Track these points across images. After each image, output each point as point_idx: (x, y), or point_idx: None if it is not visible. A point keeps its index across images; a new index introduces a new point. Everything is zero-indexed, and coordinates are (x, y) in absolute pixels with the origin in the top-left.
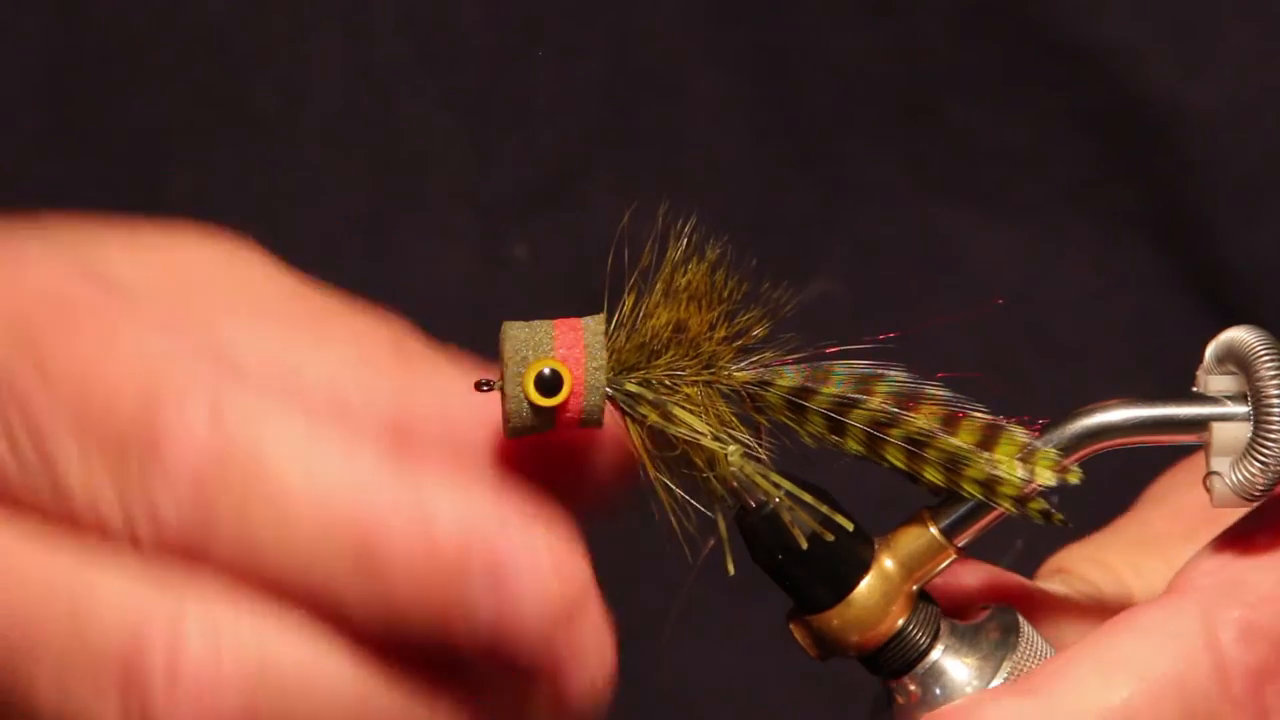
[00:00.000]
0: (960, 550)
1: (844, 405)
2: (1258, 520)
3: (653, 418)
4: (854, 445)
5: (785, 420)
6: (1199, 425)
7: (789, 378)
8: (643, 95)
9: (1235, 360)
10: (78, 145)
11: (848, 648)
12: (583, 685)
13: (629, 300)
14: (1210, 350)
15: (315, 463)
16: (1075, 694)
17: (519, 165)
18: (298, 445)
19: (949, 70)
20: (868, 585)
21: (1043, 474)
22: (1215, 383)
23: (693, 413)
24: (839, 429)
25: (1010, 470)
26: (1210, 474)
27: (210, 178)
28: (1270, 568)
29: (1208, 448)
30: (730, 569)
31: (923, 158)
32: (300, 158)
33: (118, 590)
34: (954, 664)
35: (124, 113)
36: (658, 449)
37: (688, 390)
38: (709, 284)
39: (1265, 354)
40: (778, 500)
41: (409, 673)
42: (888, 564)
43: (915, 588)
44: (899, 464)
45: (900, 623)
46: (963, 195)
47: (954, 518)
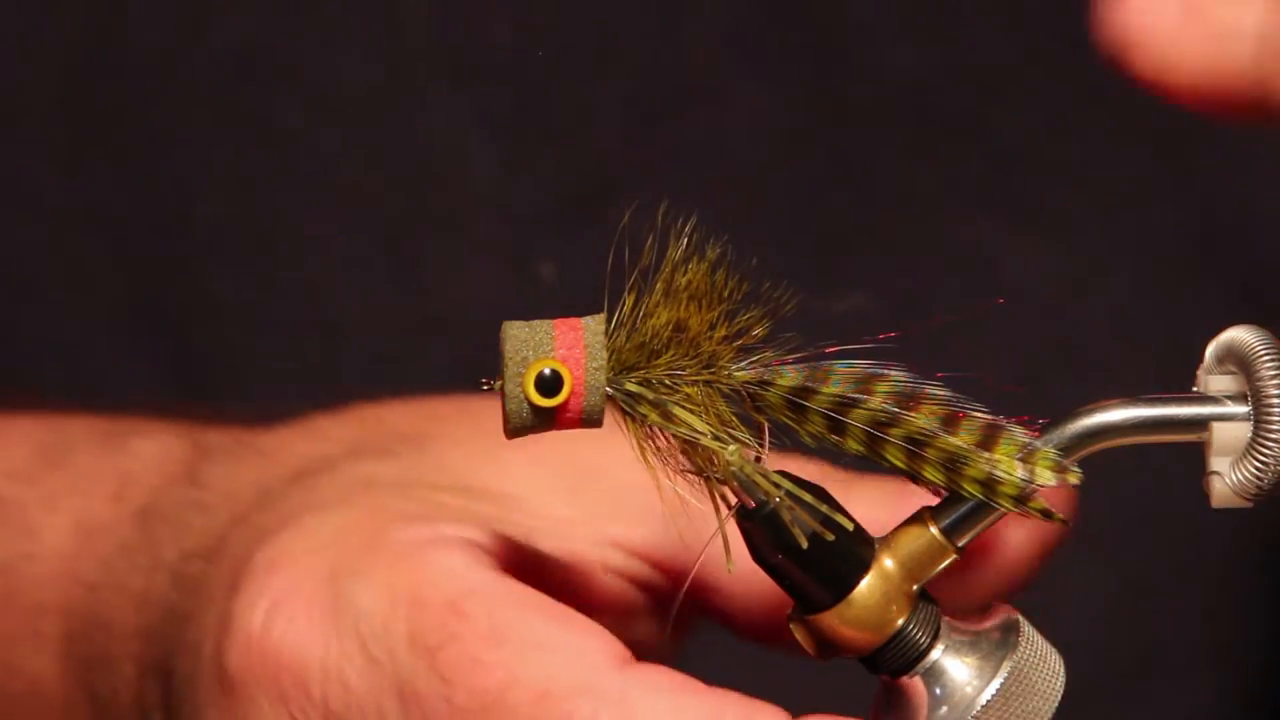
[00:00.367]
0: (960, 550)
1: (844, 405)
2: None
3: (653, 417)
4: (854, 445)
5: (785, 420)
6: (1199, 425)
7: (789, 377)
8: (676, 109)
9: (1235, 360)
10: (107, 162)
11: (848, 648)
12: None
13: (629, 300)
14: (1210, 350)
15: None
16: None
17: (549, 181)
18: None
19: (990, 80)
20: (868, 585)
21: (1043, 474)
22: (1215, 382)
23: (693, 412)
24: (839, 429)
25: (1010, 470)
26: (1210, 474)
27: (240, 195)
28: None
29: (1208, 447)
30: (730, 569)
31: (961, 170)
32: (330, 174)
33: None
34: (954, 664)
35: (154, 130)
36: (658, 449)
37: (688, 390)
38: (709, 283)
39: (1265, 354)
40: (778, 500)
41: None
42: (888, 564)
43: (915, 588)
44: (899, 464)
45: (900, 623)
46: (1000, 208)
47: (954, 518)
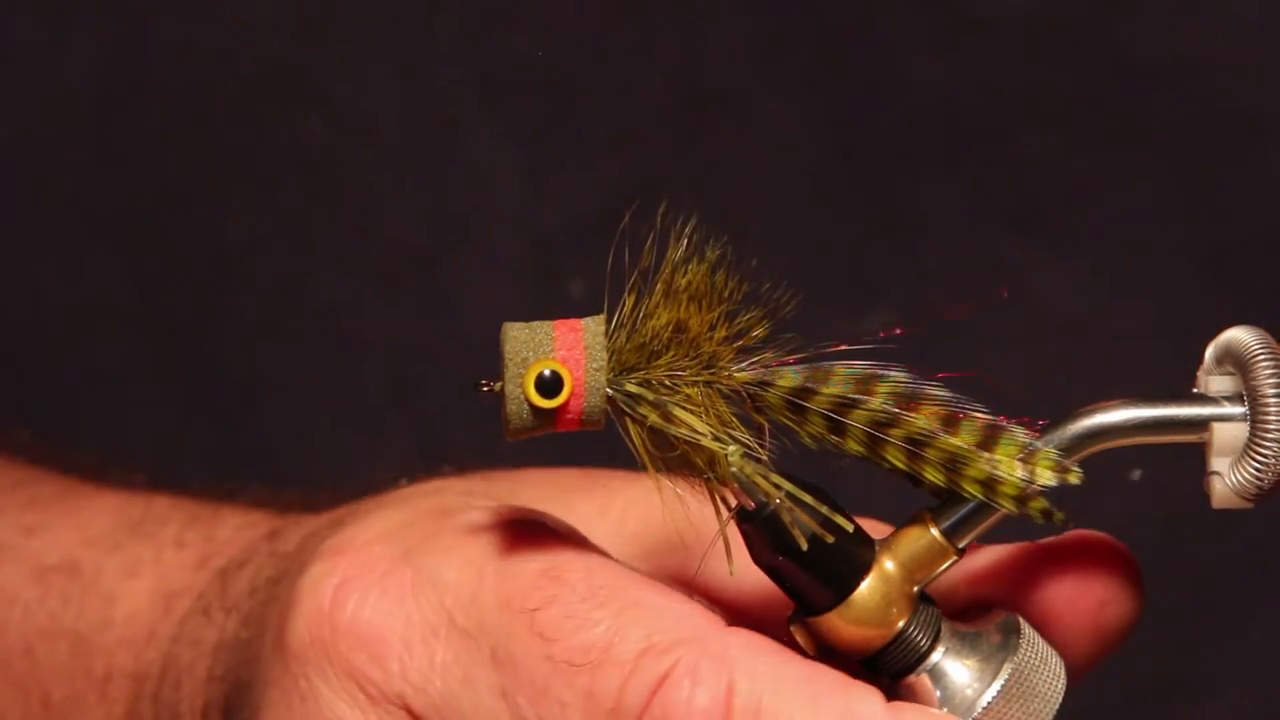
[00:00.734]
0: (961, 552)
1: (844, 405)
2: None
3: (653, 418)
4: (854, 446)
5: (785, 421)
6: (1198, 425)
7: (789, 378)
8: (705, 125)
9: (1234, 361)
10: (138, 182)
11: (849, 650)
12: None
13: (629, 301)
14: (1210, 351)
15: (823, 713)
16: None
17: (577, 198)
18: (804, 697)
19: (1019, 95)
20: (868, 587)
21: (1043, 474)
22: (1215, 383)
23: (693, 413)
24: (839, 429)
25: (1010, 470)
26: (1210, 474)
27: (270, 212)
28: None
29: (1207, 447)
30: (731, 570)
31: (988, 187)
32: (359, 192)
33: None
34: (955, 666)
35: (184, 149)
36: (658, 449)
37: (688, 390)
38: (709, 284)
39: (1263, 355)
40: (778, 501)
41: None
42: (888, 565)
43: (916, 589)
44: (899, 464)
45: (900, 625)
46: (1026, 226)
47: (955, 519)
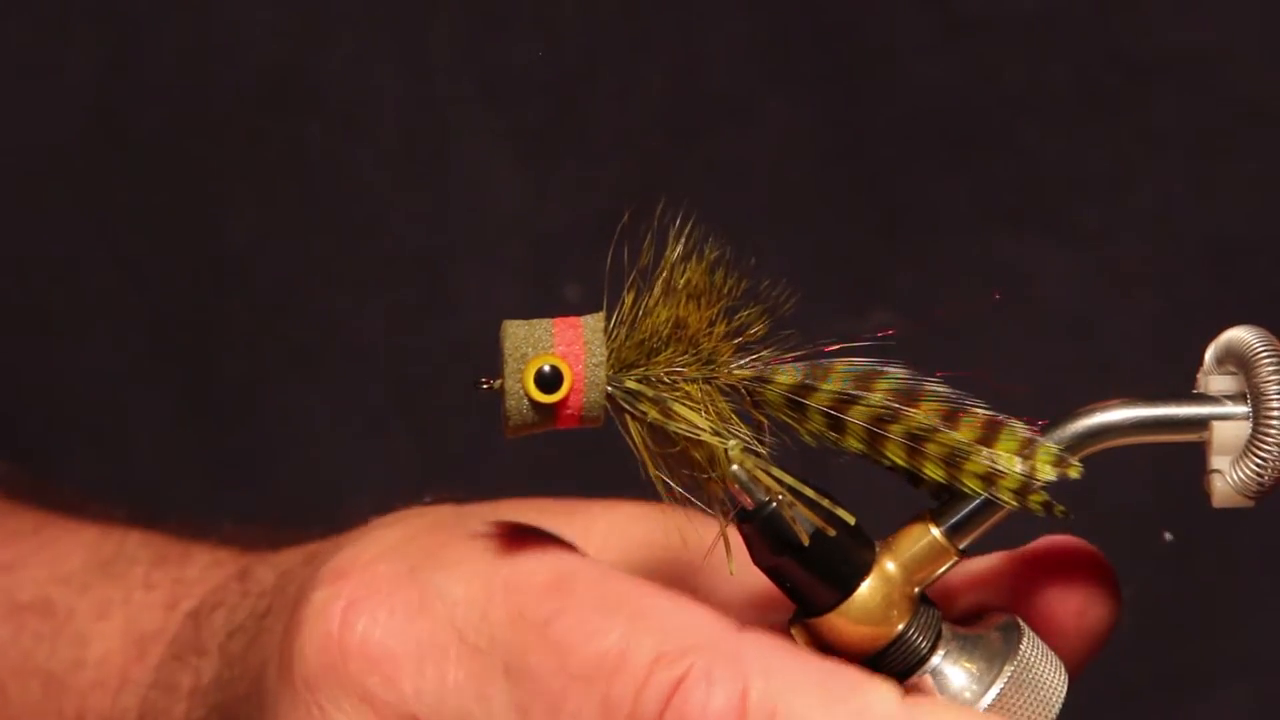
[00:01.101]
0: (962, 552)
1: (844, 402)
2: None
3: (652, 414)
4: (854, 443)
5: (785, 418)
6: (1199, 424)
7: (789, 375)
8: (705, 126)
9: (1235, 360)
10: (136, 187)
11: (849, 651)
12: None
13: (628, 297)
14: (1210, 351)
15: (838, 712)
16: None
17: (576, 202)
18: (820, 698)
19: (1022, 91)
20: (869, 587)
21: (1043, 469)
22: (1215, 383)
23: (692, 409)
24: (839, 426)
25: (1010, 465)
26: (1211, 473)
27: (270, 217)
28: None
29: (1208, 447)
30: (731, 570)
31: (991, 184)
32: (358, 196)
33: None
34: (954, 669)
35: (183, 154)
36: (658, 446)
37: (687, 387)
38: (708, 281)
39: (1265, 353)
40: (779, 499)
41: None
42: (889, 566)
43: (916, 590)
44: (899, 461)
45: (901, 626)
46: (1030, 223)
47: (956, 519)
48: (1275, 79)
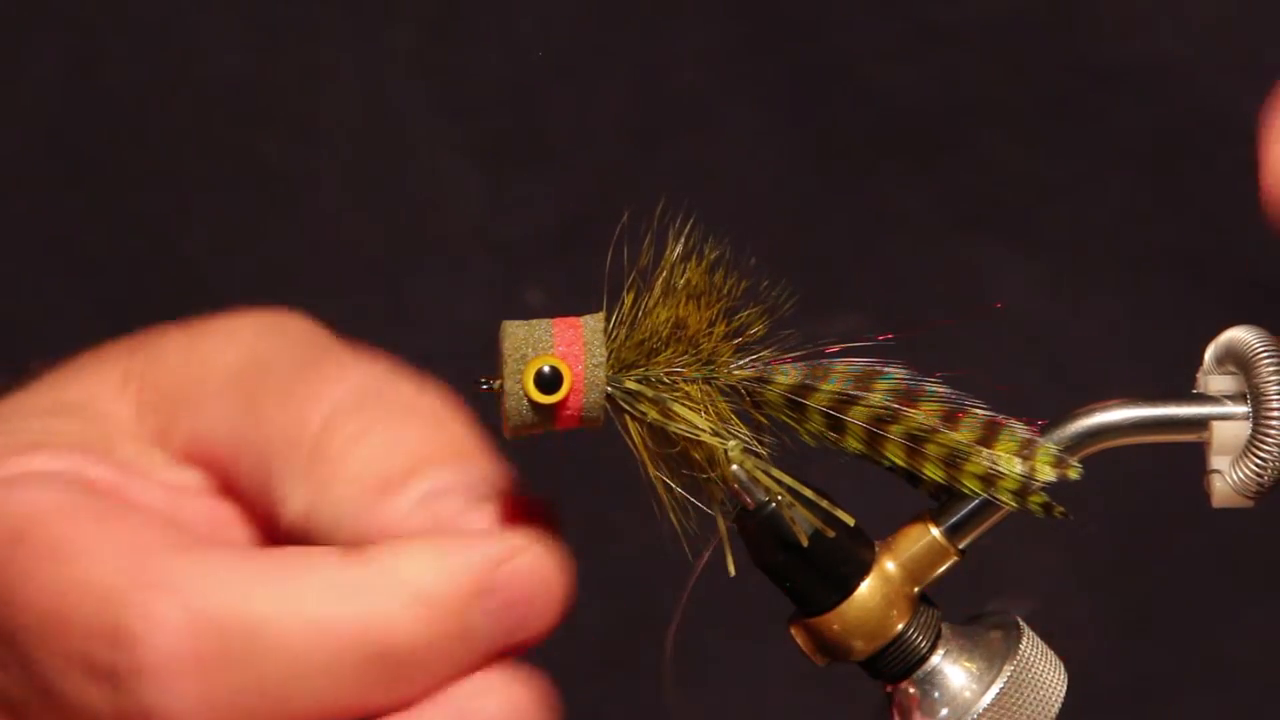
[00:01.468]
0: (962, 552)
1: (844, 402)
2: None
3: (652, 415)
4: (854, 443)
5: (784, 418)
6: (1199, 424)
7: (788, 375)
8: (668, 133)
9: (1235, 360)
10: (93, 198)
11: (849, 651)
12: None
13: (628, 298)
14: (1210, 351)
15: (290, 601)
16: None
17: (537, 209)
18: (269, 593)
19: (985, 100)
20: (869, 587)
21: (1043, 469)
22: (1215, 383)
23: (692, 410)
24: (838, 426)
25: (1010, 465)
26: (1211, 473)
27: (227, 227)
28: None
29: (1208, 447)
30: (731, 570)
31: (956, 190)
32: (316, 204)
33: None
34: (954, 669)
35: (139, 165)
36: (658, 447)
37: (687, 388)
38: (708, 281)
39: (1265, 353)
40: (779, 499)
41: None
42: (889, 566)
43: (916, 590)
44: (899, 461)
45: (901, 626)
46: (995, 229)
47: (955, 519)
48: (1232, 90)
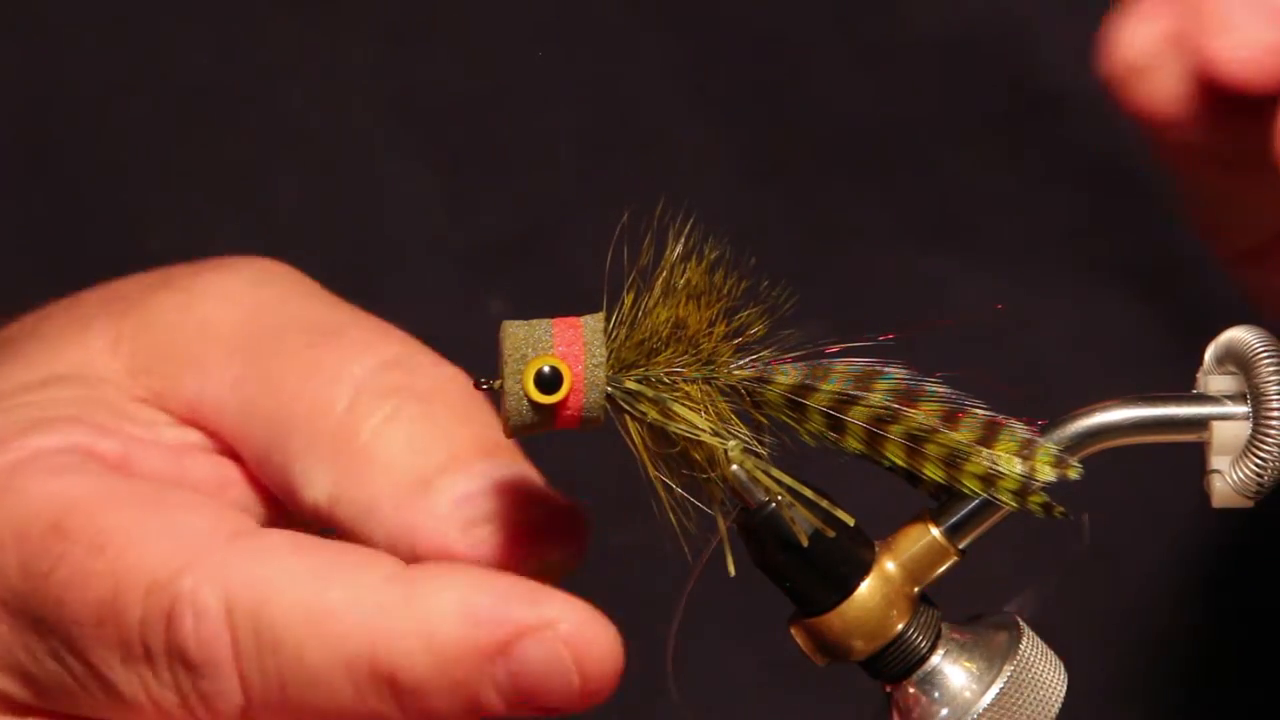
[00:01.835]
0: (962, 552)
1: (844, 402)
2: None
3: (652, 415)
4: (854, 443)
5: (784, 418)
6: (1199, 424)
7: (788, 375)
8: (624, 143)
9: (1235, 360)
10: (54, 196)
11: (849, 651)
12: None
13: (628, 298)
14: (1210, 351)
15: (318, 603)
16: None
17: (496, 218)
18: (302, 591)
19: (935, 117)
20: (868, 587)
21: (1043, 469)
22: (1215, 383)
23: (692, 410)
24: (838, 426)
25: (1010, 466)
26: (1211, 473)
27: (188, 229)
28: None
29: (1208, 447)
30: (731, 570)
31: (908, 203)
32: (275, 210)
33: None
34: (954, 669)
35: (101, 164)
36: (658, 447)
37: (687, 388)
38: (708, 281)
39: (1265, 353)
40: (779, 499)
41: None
42: (889, 566)
43: (916, 590)
44: (899, 461)
45: (900, 626)
46: (948, 241)
47: (956, 519)
48: None
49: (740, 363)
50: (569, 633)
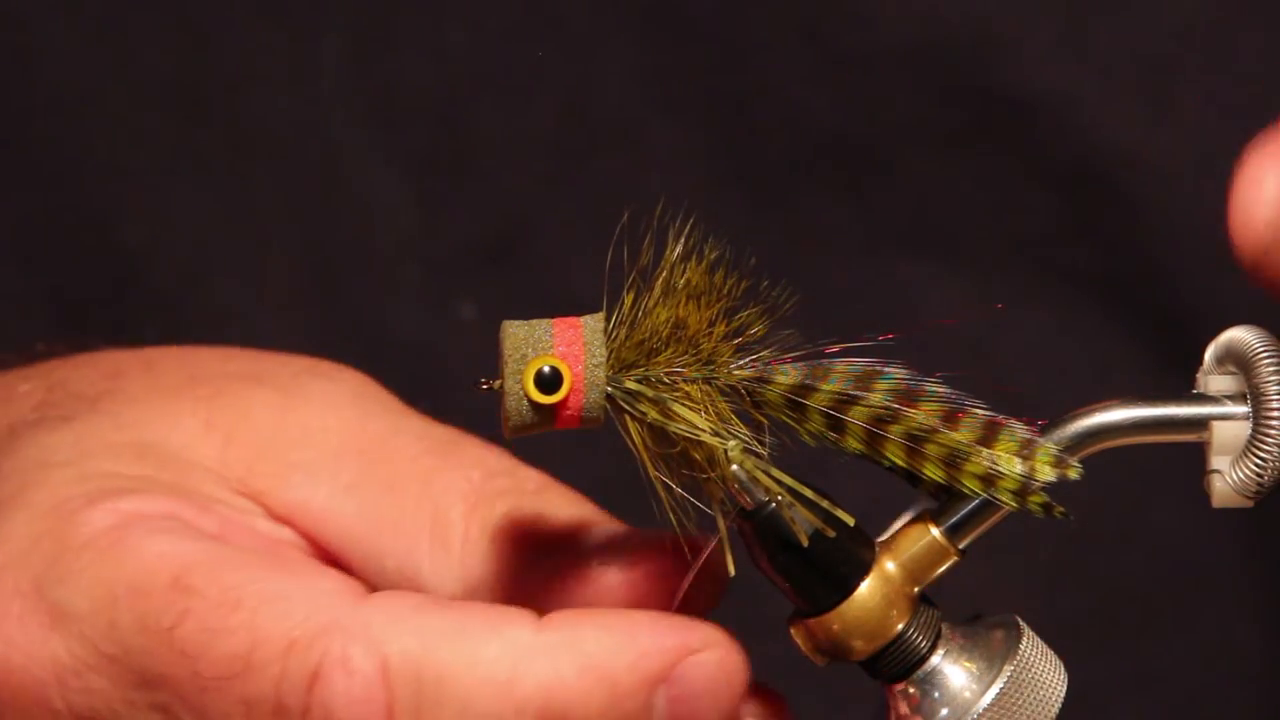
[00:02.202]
0: (962, 552)
1: (844, 402)
2: None
3: (652, 415)
4: (854, 443)
5: (784, 418)
6: (1199, 424)
7: (788, 375)
8: (594, 149)
9: (1235, 360)
10: (30, 194)
11: (849, 651)
12: None
13: (628, 298)
14: (1210, 351)
15: (480, 655)
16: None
17: (467, 222)
18: (459, 647)
19: (906, 124)
20: (868, 587)
21: (1042, 469)
22: (1215, 383)
23: (692, 410)
24: (838, 426)
25: (1010, 466)
26: (1211, 472)
27: (162, 225)
28: None
29: (1208, 447)
30: (730, 569)
31: (880, 210)
32: (247, 212)
33: None
34: (954, 669)
35: (77, 163)
36: (658, 447)
37: (687, 388)
38: (708, 282)
39: (1265, 353)
40: (779, 499)
41: None
42: (889, 566)
43: (916, 590)
44: (899, 461)
45: (900, 626)
46: (919, 248)
47: (955, 519)
48: (1143, 125)
49: (740, 363)
50: (723, 653)
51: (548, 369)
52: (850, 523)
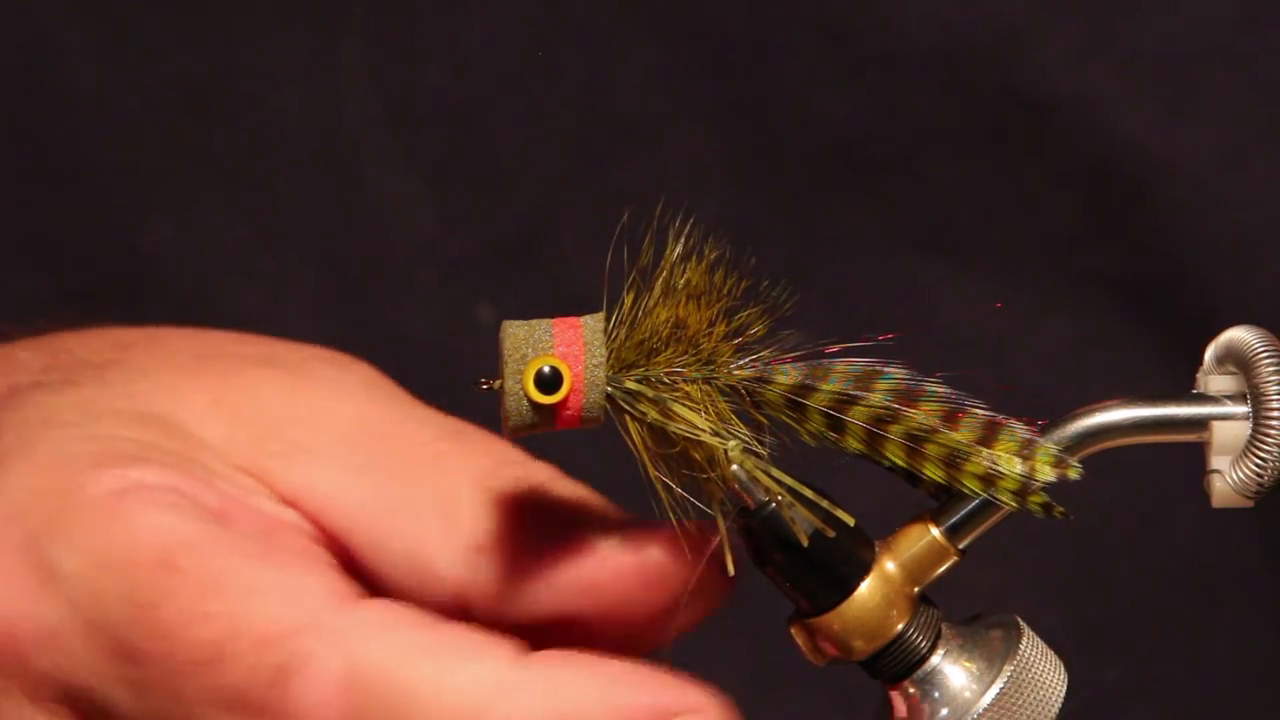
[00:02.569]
0: (962, 552)
1: (844, 402)
2: None
3: (652, 415)
4: (854, 443)
5: (785, 418)
6: (1199, 424)
7: (788, 375)
8: (614, 151)
9: (1235, 360)
10: (49, 196)
11: (849, 651)
12: None
13: (628, 298)
14: (1210, 351)
15: (450, 681)
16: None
17: (485, 225)
18: (430, 668)
19: (927, 125)
20: (868, 587)
21: (1043, 469)
22: (1215, 383)
23: (692, 410)
24: (838, 426)
25: (1010, 466)
26: (1211, 472)
27: (184, 228)
28: None
29: (1208, 447)
30: (730, 569)
31: (900, 212)
32: (266, 214)
33: None
34: (954, 670)
35: (96, 165)
36: (658, 447)
37: (687, 388)
38: (708, 282)
39: (1265, 353)
40: (779, 499)
41: None
42: (889, 566)
43: (916, 590)
44: (899, 461)
45: (900, 626)
46: (939, 249)
47: (955, 519)
48: (1165, 126)
49: (740, 363)
50: (715, 714)
51: (548, 369)
52: (850, 522)
